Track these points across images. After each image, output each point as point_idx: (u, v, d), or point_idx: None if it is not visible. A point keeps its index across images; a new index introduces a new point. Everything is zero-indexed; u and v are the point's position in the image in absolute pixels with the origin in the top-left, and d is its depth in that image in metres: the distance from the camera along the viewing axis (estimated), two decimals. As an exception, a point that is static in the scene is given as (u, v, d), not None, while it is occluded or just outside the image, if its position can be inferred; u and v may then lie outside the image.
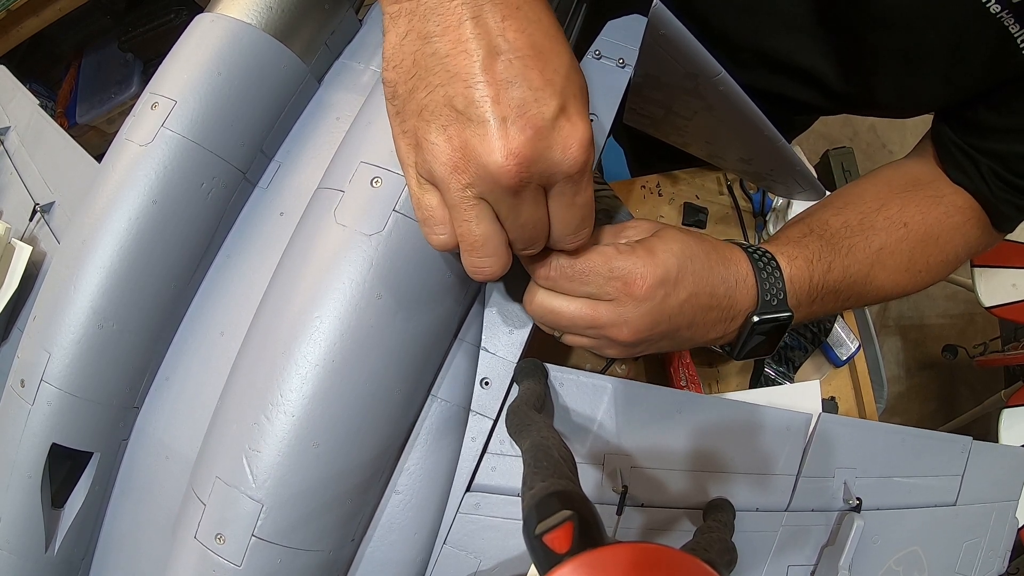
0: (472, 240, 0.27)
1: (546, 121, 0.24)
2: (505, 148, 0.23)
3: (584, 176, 0.26)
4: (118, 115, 1.28)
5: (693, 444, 0.40)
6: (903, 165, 0.52)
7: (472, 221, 0.26)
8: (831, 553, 0.43)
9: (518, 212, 0.26)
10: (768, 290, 0.38)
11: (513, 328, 0.38)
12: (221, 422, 0.34)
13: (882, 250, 0.44)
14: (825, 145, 1.66)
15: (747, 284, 0.38)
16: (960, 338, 1.73)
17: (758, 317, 0.37)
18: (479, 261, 0.27)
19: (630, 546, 0.19)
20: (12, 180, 0.51)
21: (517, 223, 0.27)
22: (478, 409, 0.37)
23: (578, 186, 0.26)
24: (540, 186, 0.26)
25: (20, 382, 0.37)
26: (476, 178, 0.24)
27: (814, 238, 0.42)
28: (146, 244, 0.37)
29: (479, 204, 0.26)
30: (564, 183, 0.26)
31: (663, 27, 0.35)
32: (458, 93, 0.24)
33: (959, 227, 0.47)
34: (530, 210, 0.26)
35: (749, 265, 0.38)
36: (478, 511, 0.36)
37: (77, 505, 0.38)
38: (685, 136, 0.53)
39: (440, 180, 0.25)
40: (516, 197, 0.25)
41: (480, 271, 0.28)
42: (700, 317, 0.36)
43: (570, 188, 0.26)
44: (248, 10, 0.40)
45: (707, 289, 0.35)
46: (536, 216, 0.27)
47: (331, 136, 0.42)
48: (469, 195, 0.25)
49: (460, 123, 0.24)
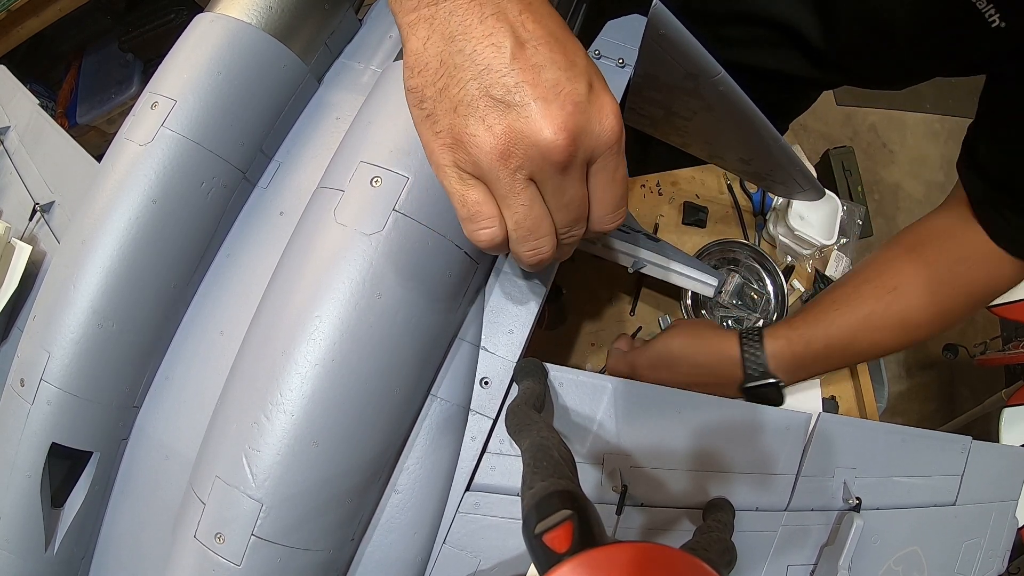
0: (529, 224, 0.27)
1: (582, 96, 0.25)
2: (553, 124, 0.24)
3: (621, 148, 0.27)
4: (118, 115, 1.28)
5: (693, 444, 0.40)
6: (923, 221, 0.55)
7: (527, 204, 0.27)
8: (831, 553, 0.43)
9: (564, 190, 0.27)
10: (749, 363, 0.51)
11: (513, 328, 0.38)
12: (221, 421, 0.34)
13: (870, 315, 0.51)
14: (825, 145, 1.66)
15: (732, 360, 0.52)
16: (961, 337, 1.73)
17: (745, 386, 0.52)
18: (537, 243, 0.28)
19: (630, 546, 0.19)
20: (12, 180, 0.51)
21: (563, 202, 0.27)
22: (478, 409, 0.37)
23: (618, 159, 0.27)
24: (584, 163, 0.26)
25: (20, 381, 0.37)
26: (526, 159, 0.25)
27: (800, 317, 0.53)
28: (146, 244, 0.37)
29: (530, 186, 0.26)
30: (606, 156, 0.27)
31: (663, 27, 0.35)
32: (494, 83, 0.24)
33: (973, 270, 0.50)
34: (575, 188, 0.27)
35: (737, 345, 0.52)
36: (478, 510, 0.36)
37: (77, 505, 0.38)
38: (685, 136, 0.54)
39: (487, 170, 0.26)
40: (564, 174, 0.26)
41: (538, 253, 0.28)
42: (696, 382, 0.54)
43: (612, 161, 0.27)
44: (248, 10, 0.40)
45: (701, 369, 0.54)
46: (581, 194, 0.27)
47: (331, 136, 0.42)
48: (520, 178, 0.26)
49: (500, 110, 0.25)
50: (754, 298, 0.73)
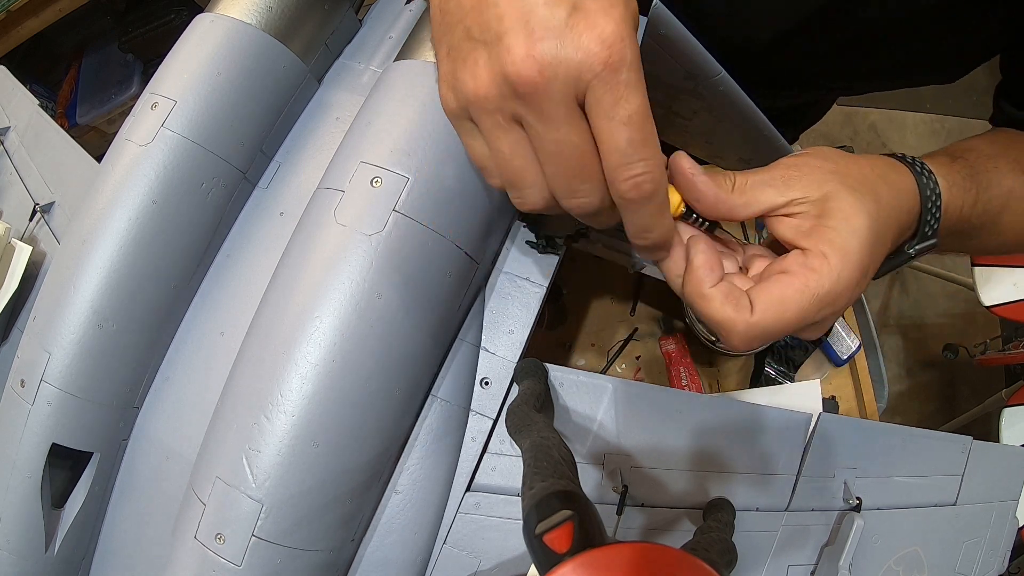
0: (510, 173, 0.25)
1: (556, 20, 0.22)
2: (517, 53, 0.22)
3: (617, 78, 0.23)
4: (118, 115, 1.28)
5: (693, 444, 0.40)
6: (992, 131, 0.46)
7: (507, 151, 0.25)
8: (831, 553, 0.43)
9: (545, 134, 0.24)
10: (928, 221, 0.34)
11: (513, 328, 0.38)
12: (221, 422, 0.34)
13: (1011, 192, 0.39)
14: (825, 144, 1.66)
15: (912, 213, 0.34)
16: (961, 337, 1.73)
17: (914, 249, 0.34)
18: (520, 195, 0.26)
19: (630, 546, 0.19)
20: (12, 180, 0.51)
21: (548, 150, 0.24)
22: (478, 409, 0.37)
23: (613, 93, 0.23)
24: (568, 99, 0.23)
25: (20, 382, 0.37)
26: (500, 99, 0.23)
27: (962, 165, 0.37)
28: (146, 244, 0.37)
29: (511, 129, 0.24)
30: (596, 89, 0.23)
31: (663, 27, 0.35)
32: (473, 23, 0.24)
33: None
34: (561, 131, 0.24)
35: (917, 192, 0.34)
36: (478, 511, 0.36)
37: (77, 505, 0.38)
38: (685, 136, 0.54)
39: (475, 115, 0.25)
40: (541, 113, 0.23)
41: (524, 205, 0.26)
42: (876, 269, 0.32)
43: (605, 95, 0.23)
44: (248, 10, 0.40)
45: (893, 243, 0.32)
46: (571, 140, 0.24)
47: (331, 136, 0.42)
48: (500, 121, 0.24)
49: (479, 49, 0.24)
50: (754, 298, 0.73)
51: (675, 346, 0.68)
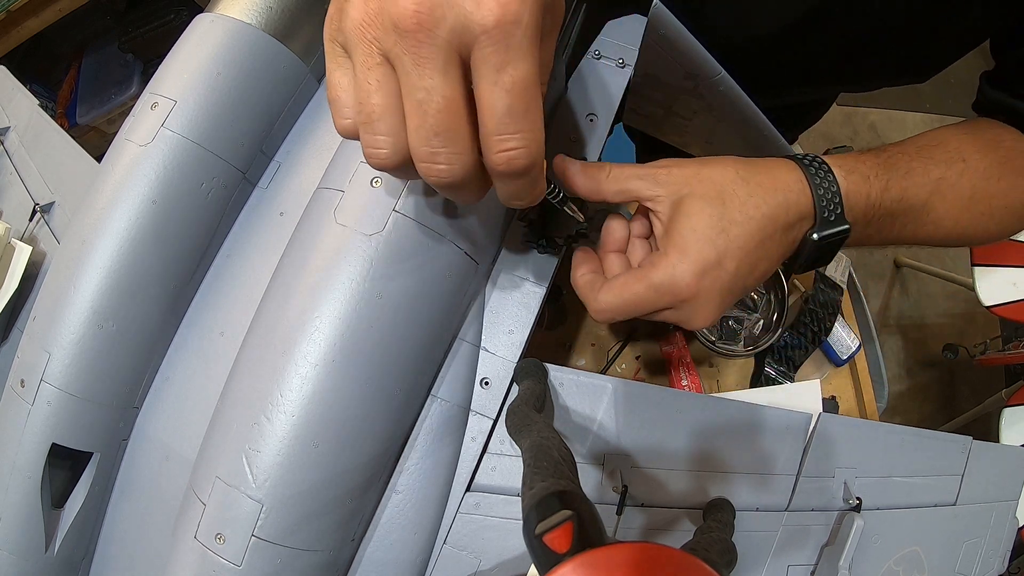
0: (368, 109, 0.24)
1: None
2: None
3: (510, 41, 0.21)
4: (118, 115, 1.28)
5: (693, 444, 0.40)
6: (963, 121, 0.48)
7: (373, 86, 0.23)
8: (831, 553, 0.43)
9: (419, 75, 0.22)
10: (825, 205, 0.36)
11: (513, 328, 0.38)
12: (221, 422, 0.34)
13: (942, 180, 0.40)
14: (825, 145, 1.66)
15: (802, 198, 0.36)
16: (961, 337, 1.73)
17: (818, 235, 0.36)
18: (374, 139, 0.24)
19: (630, 546, 0.19)
20: (12, 180, 0.51)
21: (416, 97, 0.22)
22: (478, 409, 0.37)
23: (503, 56, 0.21)
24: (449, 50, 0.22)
25: (20, 382, 0.37)
26: (380, 27, 0.22)
27: (871, 156, 0.39)
28: (146, 244, 0.37)
29: (382, 67, 0.23)
30: (483, 47, 0.21)
31: (663, 27, 0.35)
32: None
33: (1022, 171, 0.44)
34: (436, 78, 0.22)
35: (802, 175, 0.36)
36: (478, 511, 0.36)
37: (77, 505, 0.38)
38: (685, 136, 0.54)
39: (349, 43, 0.23)
40: (417, 55, 0.22)
41: (375, 153, 0.25)
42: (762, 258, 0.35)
43: (492, 56, 0.21)
44: (248, 10, 0.40)
45: (758, 235, 0.34)
46: (442, 89, 0.22)
47: (331, 136, 0.42)
48: (373, 50, 0.23)
49: None
50: (754, 298, 0.73)
51: (675, 346, 0.68)
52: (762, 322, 0.72)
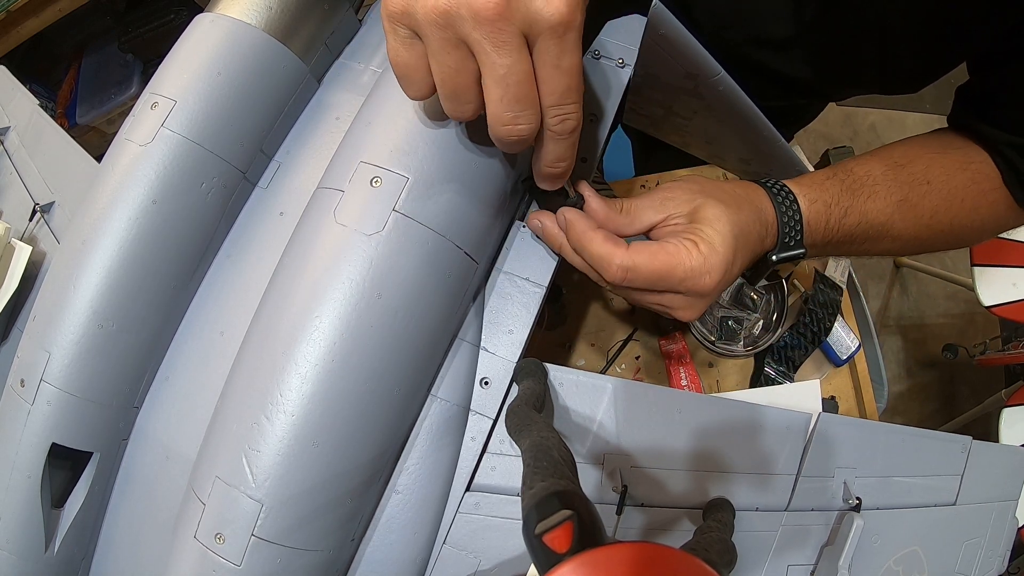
0: (452, 85, 0.28)
1: None
2: None
3: (568, 36, 0.26)
4: (118, 115, 1.28)
5: (693, 444, 0.40)
6: (938, 131, 0.52)
7: (453, 63, 0.27)
8: (831, 553, 0.43)
9: (498, 60, 0.26)
10: (787, 232, 0.41)
11: (513, 328, 0.38)
12: (221, 422, 0.34)
13: (903, 202, 0.44)
14: (825, 145, 1.66)
15: (771, 225, 0.41)
16: (960, 337, 1.73)
17: (776, 257, 0.41)
18: (461, 108, 0.29)
19: (629, 546, 0.19)
20: (12, 180, 0.51)
21: (498, 74, 0.27)
22: (478, 409, 0.37)
23: (562, 46, 0.27)
24: (520, 35, 0.26)
25: (20, 382, 0.37)
26: (458, 17, 0.25)
27: (835, 183, 0.44)
28: (146, 244, 0.37)
29: (461, 48, 0.27)
30: (547, 38, 0.26)
31: (663, 27, 0.35)
32: None
33: (985, 194, 0.47)
34: (511, 58, 0.26)
35: (771, 204, 0.41)
36: (478, 511, 0.36)
37: (77, 505, 0.38)
38: (685, 136, 0.54)
39: (424, 27, 0.26)
40: (496, 39, 0.26)
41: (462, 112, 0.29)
42: (740, 267, 0.39)
43: (554, 46, 0.26)
44: (248, 10, 0.40)
45: (752, 250, 0.39)
46: (519, 69, 0.27)
47: (331, 136, 0.42)
48: (450, 36, 0.26)
49: None
50: (753, 298, 0.73)
51: (675, 346, 0.68)
52: (762, 322, 0.72)
